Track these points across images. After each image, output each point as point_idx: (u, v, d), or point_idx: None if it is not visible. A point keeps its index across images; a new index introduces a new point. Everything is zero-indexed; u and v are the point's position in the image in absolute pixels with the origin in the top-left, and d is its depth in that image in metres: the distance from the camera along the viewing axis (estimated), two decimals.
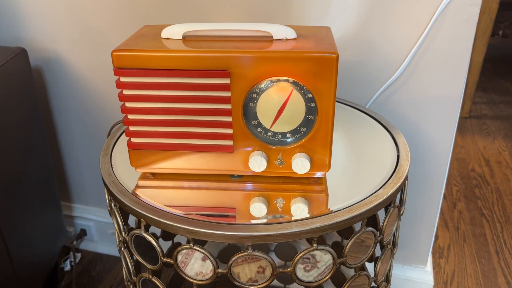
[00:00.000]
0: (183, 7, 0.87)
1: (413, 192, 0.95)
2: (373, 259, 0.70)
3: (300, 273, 1.02)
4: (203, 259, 1.04)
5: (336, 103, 0.82)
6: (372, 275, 0.63)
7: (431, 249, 1.02)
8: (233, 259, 0.51)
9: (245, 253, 0.51)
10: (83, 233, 1.23)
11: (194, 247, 0.51)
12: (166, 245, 0.91)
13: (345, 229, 0.88)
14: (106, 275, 1.17)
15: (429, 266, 1.04)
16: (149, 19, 0.90)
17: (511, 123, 2.01)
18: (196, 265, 1.00)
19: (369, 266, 0.99)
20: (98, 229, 1.22)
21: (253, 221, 0.52)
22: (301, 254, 0.52)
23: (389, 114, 0.87)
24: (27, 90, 0.95)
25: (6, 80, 0.87)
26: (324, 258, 1.05)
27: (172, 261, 0.54)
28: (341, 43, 0.82)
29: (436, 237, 1.30)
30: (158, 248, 0.54)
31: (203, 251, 0.52)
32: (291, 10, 0.82)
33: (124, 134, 0.72)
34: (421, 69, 0.81)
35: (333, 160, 0.63)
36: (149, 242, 0.55)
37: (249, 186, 0.59)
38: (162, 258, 0.55)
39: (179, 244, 0.91)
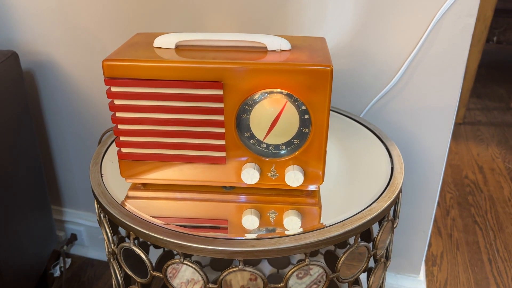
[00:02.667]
0: (177, 15, 0.86)
1: (407, 201, 0.95)
2: (366, 269, 0.69)
3: (293, 280, 1.01)
4: (198, 272, 1.03)
5: (330, 112, 0.81)
6: (365, 285, 0.62)
7: (424, 258, 1.02)
8: (224, 274, 0.51)
9: (236, 268, 0.50)
10: (73, 237, 1.21)
11: (184, 262, 0.50)
12: (157, 252, 0.90)
13: None
14: (96, 281, 1.15)
15: (422, 275, 1.03)
16: (143, 25, 0.89)
17: (505, 129, 2.01)
18: (187, 272, 0.99)
19: (362, 276, 0.98)
20: (89, 234, 1.21)
21: (244, 236, 0.51)
22: (293, 270, 0.51)
23: (384, 122, 0.87)
24: (18, 94, 0.93)
25: None
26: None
27: (161, 275, 0.53)
28: (336, 52, 0.82)
29: (429, 244, 1.29)
30: (147, 262, 0.53)
31: (193, 266, 0.51)
32: (286, 19, 0.81)
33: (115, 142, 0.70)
34: (416, 78, 0.81)
35: (326, 172, 0.62)
36: (139, 255, 0.54)
37: (241, 198, 0.58)
38: (151, 272, 0.54)
39: (170, 252, 0.90)
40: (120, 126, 0.55)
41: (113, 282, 0.66)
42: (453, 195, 1.54)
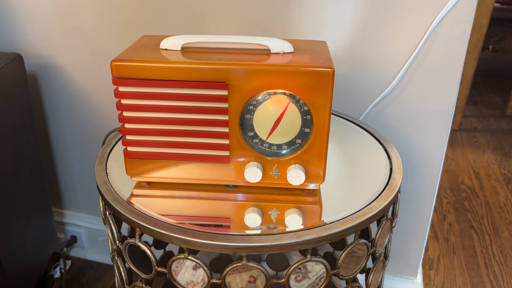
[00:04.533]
0: (180, 19, 0.88)
1: (404, 204, 0.96)
2: (364, 270, 0.71)
3: (291, 283, 1.02)
4: (194, 268, 1.03)
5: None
6: (363, 286, 0.64)
7: (421, 261, 1.03)
8: (227, 269, 0.52)
9: (239, 264, 0.51)
10: (73, 240, 1.22)
11: (189, 257, 0.52)
12: (158, 253, 0.91)
13: (337, 240, 0.88)
14: (96, 283, 1.16)
15: (419, 278, 1.05)
16: (146, 29, 0.91)
17: (500, 136, 2.04)
18: (187, 274, 1.00)
19: (360, 277, 1.00)
20: (89, 236, 1.21)
21: (247, 232, 0.52)
22: (295, 265, 0.52)
23: (382, 126, 0.88)
24: (22, 96, 0.95)
25: (0, 85, 0.87)
26: (315, 269, 1.06)
27: (166, 270, 0.54)
28: (336, 56, 0.83)
29: (426, 248, 1.31)
30: (152, 258, 0.55)
31: (198, 261, 0.52)
32: (287, 23, 0.83)
33: (119, 142, 0.72)
34: (414, 83, 0.82)
35: (327, 172, 0.64)
36: (143, 251, 0.55)
37: (244, 196, 0.60)
38: (156, 267, 0.55)
39: (171, 253, 0.91)
40: (127, 125, 0.56)
41: (116, 280, 0.67)
42: (449, 200, 1.55)
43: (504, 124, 2.17)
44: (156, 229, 0.52)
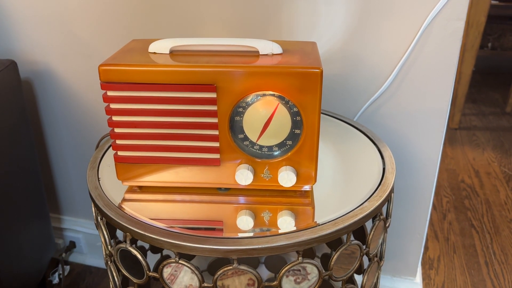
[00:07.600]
0: (172, 22, 0.88)
1: (402, 204, 0.96)
2: (361, 271, 0.70)
3: (291, 285, 1.01)
4: (193, 272, 1.03)
5: (324, 115, 0.83)
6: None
7: (420, 261, 1.02)
8: (218, 273, 0.51)
9: (230, 267, 0.51)
10: (72, 245, 1.22)
11: (180, 261, 0.51)
12: (155, 257, 0.91)
13: (334, 241, 0.88)
14: None
15: (418, 278, 1.04)
16: (139, 33, 0.91)
17: (500, 134, 2.03)
18: (186, 278, 0.99)
19: (359, 278, 0.99)
20: (87, 241, 1.21)
21: (238, 235, 0.52)
22: (286, 268, 0.52)
23: (377, 126, 0.88)
24: (17, 103, 0.95)
25: None
26: (315, 270, 1.05)
27: (157, 275, 0.54)
28: (329, 56, 0.83)
29: (426, 248, 1.30)
30: (143, 263, 0.54)
31: (189, 265, 0.52)
32: (279, 25, 0.83)
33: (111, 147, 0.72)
34: (408, 82, 0.82)
35: (320, 173, 0.64)
36: (135, 256, 0.55)
37: (236, 199, 0.59)
38: (148, 272, 0.55)
39: (168, 257, 0.90)
40: (116, 130, 0.56)
41: (110, 285, 0.67)
42: (449, 199, 1.54)
43: (504, 121, 2.16)
44: (146, 234, 0.51)
